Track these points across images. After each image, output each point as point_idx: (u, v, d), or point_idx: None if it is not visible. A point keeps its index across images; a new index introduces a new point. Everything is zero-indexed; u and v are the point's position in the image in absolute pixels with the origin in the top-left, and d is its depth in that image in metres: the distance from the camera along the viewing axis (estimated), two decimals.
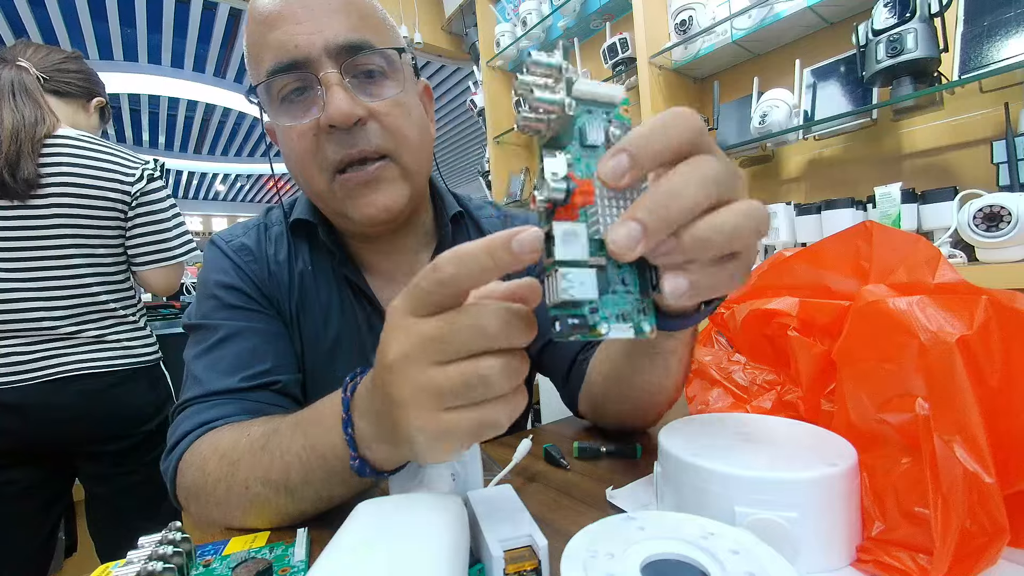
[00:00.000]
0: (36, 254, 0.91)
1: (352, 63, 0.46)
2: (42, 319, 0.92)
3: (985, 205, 0.85)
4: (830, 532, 0.28)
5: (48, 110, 0.94)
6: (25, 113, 0.89)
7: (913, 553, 0.26)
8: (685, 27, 1.34)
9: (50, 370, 0.92)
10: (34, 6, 3.24)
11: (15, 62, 0.94)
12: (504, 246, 0.23)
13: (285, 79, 0.46)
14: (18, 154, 0.86)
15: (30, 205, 0.89)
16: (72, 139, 0.94)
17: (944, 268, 0.33)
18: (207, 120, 5.44)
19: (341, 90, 0.45)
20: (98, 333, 0.97)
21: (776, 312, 0.41)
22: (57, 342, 0.93)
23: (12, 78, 0.91)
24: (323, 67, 0.45)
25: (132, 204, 0.99)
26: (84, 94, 1.05)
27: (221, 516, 0.40)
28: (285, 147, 0.51)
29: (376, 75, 0.48)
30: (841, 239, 0.40)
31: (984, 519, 0.25)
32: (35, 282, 0.91)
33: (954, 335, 0.27)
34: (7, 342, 0.90)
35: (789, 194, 1.38)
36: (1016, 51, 0.92)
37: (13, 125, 0.87)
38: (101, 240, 0.97)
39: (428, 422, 0.25)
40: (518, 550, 0.26)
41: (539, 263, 0.24)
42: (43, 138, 0.90)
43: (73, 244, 0.94)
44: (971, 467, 0.25)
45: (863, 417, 0.30)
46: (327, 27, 0.45)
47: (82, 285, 0.95)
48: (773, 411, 0.40)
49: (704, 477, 0.29)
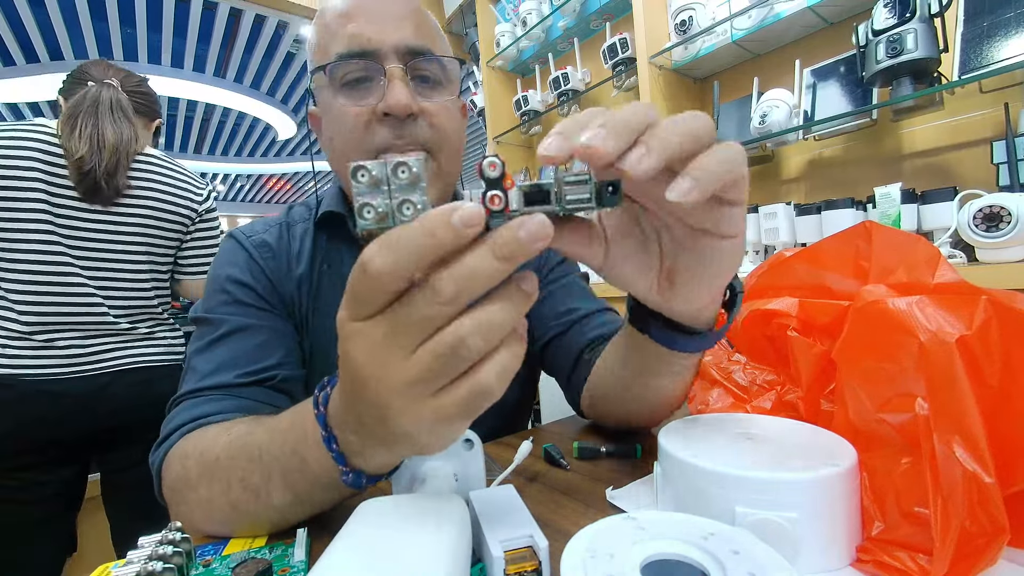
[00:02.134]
0: (112, 256, 1.00)
1: (414, 64, 0.51)
2: (104, 315, 0.99)
3: (985, 205, 0.86)
4: (830, 532, 0.28)
5: (139, 129, 1.05)
6: (123, 130, 0.99)
7: (913, 553, 0.26)
8: (685, 27, 1.35)
9: (109, 362, 1.00)
10: (34, 6, 3.24)
11: (105, 80, 1.03)
12: (444, 223, 0.21)
13: (352, 65, 0.50)
14: (116, 165, 0.97)
15: (113, 212, 0.99)
16: (156, 158, 1.07)
17: (943, 268, 0.33)
18: (207, 120, 5.45)
19: (402, 84, 0.50)
20: (147, 331, 1.07)
21: (776, 312, 0.41)
22: (115, 337, 1.02)
23: (111, 97, 1.00)
24: (389, 61, 0.50)
25: (196, 220, 1.13)
26: (151, 114, 1.14)
27: (202, 518, 0.38)
28: (332, 130, 0.53)
29: (431, 81, 0.53)
30: (841, 239, 0.40)
31: (984, 519, 0.25)
32: (105, 282, 1.00)
33: (954, 335, 0.27)
34: (68, 334, 0.96)
35: (789, 194, 1.38)
36: (1016, 51, 0.93)
37: (115, 140, 0.97)
38: (164, 248, 1.08)
39: (418, 415, 0.24)
40: (519, 551, 0.26)
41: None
42: (135, 153, 1.02)
43: (144, 252, 1.04)
44: (971, 467, 0.25)
45: (863, 417, 0.30)
46: (398, 30, 0.51)
47: (142, 288, 1.05)
48: (773, 411, 0.40)
49: (704, 477, 0.29)
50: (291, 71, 4.57)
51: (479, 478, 0.37)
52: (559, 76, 1.72)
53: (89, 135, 0.94)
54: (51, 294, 0.94)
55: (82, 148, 0.92)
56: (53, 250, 0.94)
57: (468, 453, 0.36)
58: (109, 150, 0.95)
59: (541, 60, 1.89)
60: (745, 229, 0.28)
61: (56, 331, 0.95)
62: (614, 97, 1.73)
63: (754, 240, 1.22)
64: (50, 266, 0.94)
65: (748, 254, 1.25)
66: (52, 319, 0.95)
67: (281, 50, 4.17)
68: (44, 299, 0.94)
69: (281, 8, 2.34)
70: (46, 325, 0.94)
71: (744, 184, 0.25)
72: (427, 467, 0.35)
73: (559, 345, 0.60)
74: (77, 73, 1.04)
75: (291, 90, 4.94)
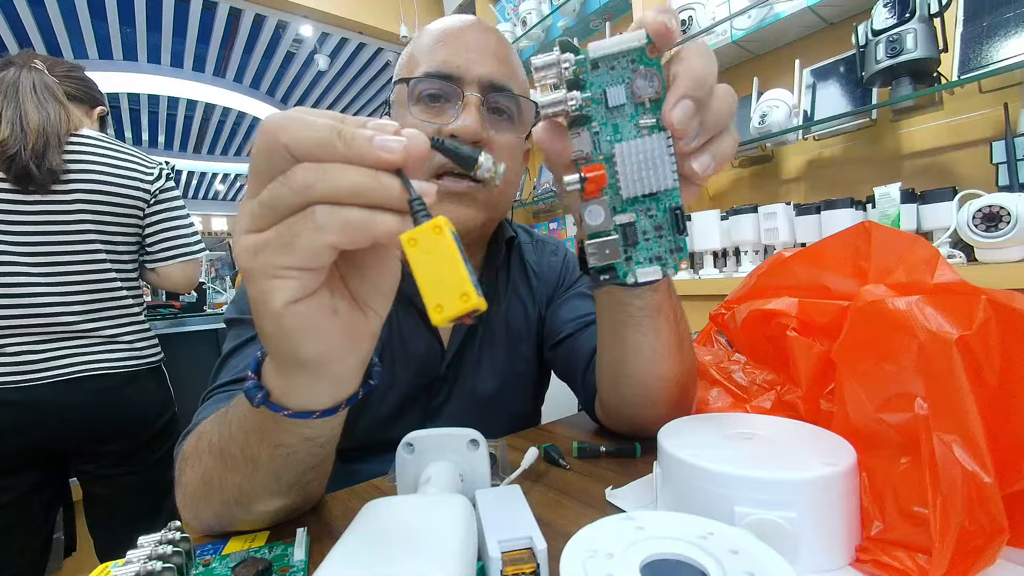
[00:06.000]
0: (57, 248, 0.92)
1: (493, 97, 0.54)
2: (59, 315, 0.92)
3: (984, 205, 0.86)
4: (829, 532, 0.28)
5: (71, 110, 0.98)
6: (50, 110, 0.92)
7: (912, 553, 0.26)
8: (685, 27, 1.34)
9: (63, 370, 0.92)
10: (34, 6, 3.24)
11: (30, 65, 0.97)
12: (367, 139, 0.22)
13: (434, 84, 0.53)
14: (45, 146, 0.89)
15: (52, 200, 0.91)
16: (94, 138, 0.98)
17: (943, 268, 0.33)
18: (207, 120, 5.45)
19: (476, 111, 0.52)
20: (113, 332, 0.98)
21: (776, 312, 0.41)
22: (72, 340, 0.94)
23: (33, 79, 0.94)
24: (470, 88, 0.52)
25: (151, 202, 1.03)
26: (89, 101, 1.08)
27: (184, 502, 0.38)
28: None
29: (504, 115, 0.56)
30: (840, 239, 0.40)
31: (983, 518, 0.25)
32: (55, 276, 0.92)
33: (953, 335, 0.27)
34: (20, 339, 0.90)
35: (789, 194, 1.38)
36: (1015, 51, 0.93)
37: (40, 121, 0.90)
38: (121, 236, 1.00)
39: (270, 280, 0.24)
40: (517, 552, 0.26)
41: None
42: (67, 134, 0.93)
43: (95, 239, 0.96)
44: (970, 467, 0.25)
45: (862, 417, 0.30)
46: (485, 64, 0.53)
47: (103, 280, 0.97)
48: (773, 411, 0.40)
49: (703, 477, 0.29)
50: (291, 70, 4.57)
51: (484, 478, 0.37)
52: None
53: (10, 117, 0.88)
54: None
55: (3, 130, 0.87)
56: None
57: (474, 454, 0.36)
58: (34, 131, 0.88)
59: None
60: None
61: (5, 336, 0.89)
62: None
63: (754, 240, 1.22)
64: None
65: (748, 254, 1.26)
66: (1, 323, 0.89)
67: (281, 50, 4.17)
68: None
69: (281, 8, 2.34)
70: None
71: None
72: (433, 467, 0.35)
73: (572, 345, 0.60)
74: (0, 64, 0.97)
75: (290, 89, 4.94)
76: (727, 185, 1.53)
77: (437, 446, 0.36)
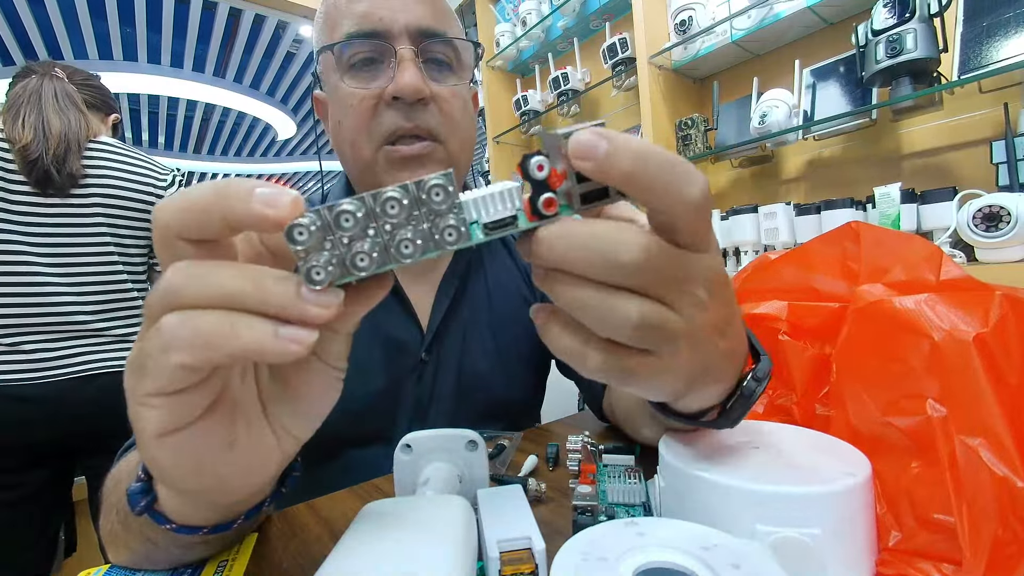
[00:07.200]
0: (73, 249, 0.96)
1: (427, 46, 0.49)
2: (74, 313, 0.96)
3: (984, 205, 0.85)
4: (853, 546, 0.25)
5: (90, 117, 1.03)
6: (71, 117, 0.97)
7: (937, 563, 0.24)
8: (685, 27, 1.34)
9: (77, 367, 0.96)
10: (34, 6, 3.24)
11: (51, 74, 1.00)
12: (245, 194, 0.17)
13: (362, 46, 0.48)
14: (66, 152, 0.93)
15: (70, 204, 0.95)
16: (111, 145, 1.04)
17: (949, 265, 0.32)
18: (207, 120, 5.44)
19: (413, 66, 0.47)
20: (124, 332, 1.02)
21: (765, 316, 0.40)
22: (85, 339, 0.98)
23: (55, 87, 0.98)
24: (401, 43, 0.48)
25: None
26: (105, 108, 1.14)
27: (110, 553, 0.33)
28: (338, 113, 0.51)
29: (443, 64, 0.51)
30: (827, 241, 0.39)
31: (1017, 525, 0.23)
32: (70, 276, 0.96)
33: (970, 333, 0.26)
34: (36, 336, 0.93)
35: (789, 194, 1.38)
36: (1015, 51, 0.92)
37: (62, 127, 0.94)
38: (133, 239, 1.05)
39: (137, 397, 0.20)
40: (516, 552, 0.26)
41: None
42: (86, 141, 0.98)
43: (109, 241, 1.00)
44: (1000, 471, 0.24)
45: (866, 421, 0.29)
46: (411, 10, 0.48)
47: (115, 281, 1.01)
48: (765, 415, 0.39)
49: (718, 493, 0.26)
50: (291, 71, 4.56)
51: (483, 479, 0.36)
52: (559, 76, 1.72)
53: (33, 123, 0.91)
54: (14, 294, 0.91)
55: (26, 136, 0.90)
56: (11, 248, 0.91)
57: (472, 454, 0.36)
58: (56, 137, 0.92)
59: (541, 60, 1.89)
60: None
61: (22, 333, 0.92)
62: (613, 97, 1.73)
63: (753, 240, 1.22)
64: (10, 265, 0.91)
65: (748, 254, 1.26)
66: (17, 320, 0.92)
67: (281, 50, 4.17)
68: (6, 300, 0.91)
69: (281, 8, 2.34)
70: (11, 328, 0.91)
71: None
72: (431, 469, 0.35)
73: None
74: (22, 71, 1.02)
75: (291, 90, 4.93)
76: (727, 185, 1.53)
77: (435, 447, 0.36)
